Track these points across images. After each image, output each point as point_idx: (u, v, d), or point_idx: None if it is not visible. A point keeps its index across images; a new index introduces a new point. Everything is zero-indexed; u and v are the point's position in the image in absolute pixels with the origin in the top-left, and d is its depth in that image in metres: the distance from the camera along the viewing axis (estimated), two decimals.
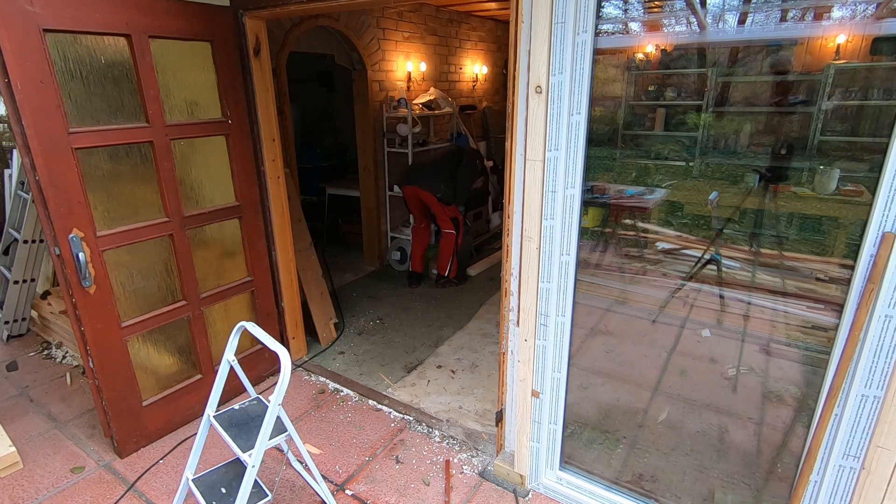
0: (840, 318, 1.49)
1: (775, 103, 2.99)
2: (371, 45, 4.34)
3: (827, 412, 1.52)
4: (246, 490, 1.65)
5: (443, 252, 4.34)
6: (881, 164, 1.34)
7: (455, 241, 4.25)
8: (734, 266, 3.12)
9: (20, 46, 1.83)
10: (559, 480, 2.17)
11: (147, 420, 2.47)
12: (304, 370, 3.14)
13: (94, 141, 2.09)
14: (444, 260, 4.33)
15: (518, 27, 1.68)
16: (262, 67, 2.68)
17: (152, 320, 2.42)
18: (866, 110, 2.68)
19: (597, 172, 2.60)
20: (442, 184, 4.03)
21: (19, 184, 3.37)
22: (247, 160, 2.71)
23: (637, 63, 3.49)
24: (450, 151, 4.39)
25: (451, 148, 4.56)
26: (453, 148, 4.53)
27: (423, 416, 2.70)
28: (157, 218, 2.37)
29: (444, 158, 4.28)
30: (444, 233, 4.24)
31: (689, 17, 2.10)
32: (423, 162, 4.38)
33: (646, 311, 3.18)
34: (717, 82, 3.20)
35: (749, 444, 2.34)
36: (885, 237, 1.34)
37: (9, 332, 3.51)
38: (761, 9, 2.18)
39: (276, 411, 1.66)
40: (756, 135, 3.14)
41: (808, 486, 1.63)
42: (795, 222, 3.01)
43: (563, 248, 1.82)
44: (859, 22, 1.96)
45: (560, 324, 1.92)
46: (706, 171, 3.32)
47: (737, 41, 2.65)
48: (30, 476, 2.30)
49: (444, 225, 4.21)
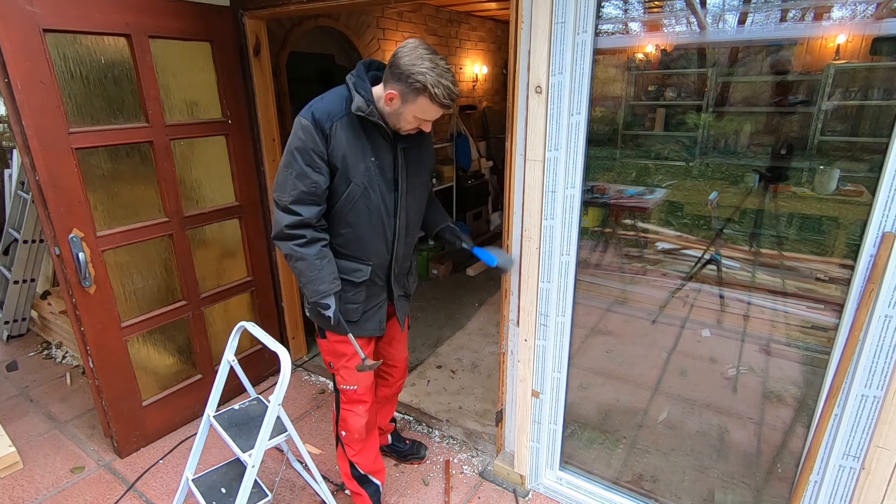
0: (840, 318, 1.49)
1: (775, 103, 2.99)
2: (371, 45, 4.34)
3: (827, 412, 1.52)
4: (246, 490, 1.65)
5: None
6: (881, 164, 1.33)
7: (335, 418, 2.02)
8: (734, 266, 3.12)
9: (20, 46, 1.83)
10: (559, 480, 2.17)
11: (147, 420, 2.47)
12: (305, 370, 3.14)
13: (94, 141, 2.09)
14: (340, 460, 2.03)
15: (518, 27, 1.68)
16: (262, 67, 2.67)
17: (152, 320, 2.42)
18: (866, 110, 2.68)
19: (597, 172, 2.60)
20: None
21: (19, 184, 3.37)
22: (247, 160, 2.71)
23: (637, 63, 3.49)
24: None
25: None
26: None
27: (423, 416, 2.70)
28: (157, 218, 2.37)
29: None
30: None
31: (689, 17, 2.09)
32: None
33: (646, 311, 3.18)
34: (717, 82, 3.20)
35: (749, 444, 2.34)
36: (885, 237, 1.34)
37: (9, 332, 3.51)
38: (761, 9, 2.18)
39: (276, 411, 1.65)
40: (756, 135, 3.14)
41: (808, 487, 1.63)
42: (795, 222, 3.01)
43: (563, 248, 1.82)
44: (859, 22, 1.96)
45: (560, 324, 1.92)
46: (706, 171, 3.32)
47: (737, 41, 2.65)
48: (30, 476, 2.30)
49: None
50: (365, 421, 1.86)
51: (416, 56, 1.45)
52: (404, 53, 1.46)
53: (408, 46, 1.48)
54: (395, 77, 1.48)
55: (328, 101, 1.57)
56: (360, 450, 1.92)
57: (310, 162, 1.51)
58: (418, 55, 1.45)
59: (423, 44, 1.50)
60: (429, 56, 1.46)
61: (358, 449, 1.91)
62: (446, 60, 1.52)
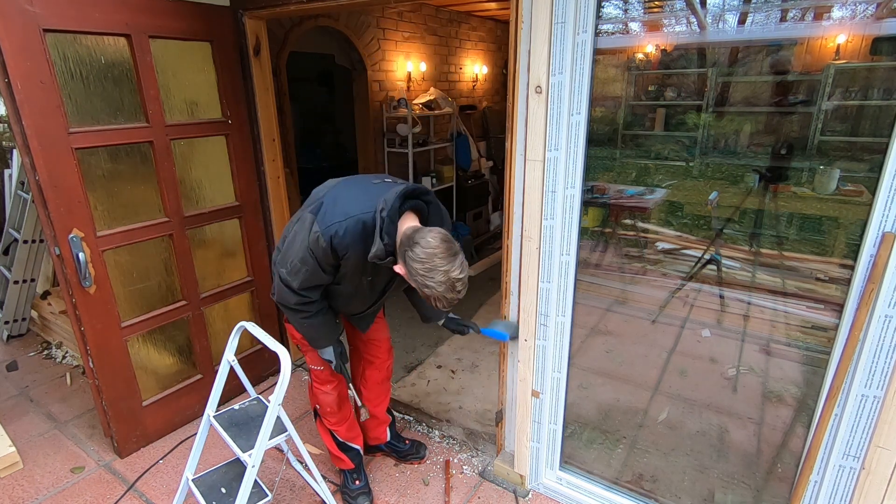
0: (840, 318, 1.49)
1: (775, 103, 2.99)
2: (371, 45, 4.34)
3: (827, 412, 1.52)
4: (246, 490, 1.65)
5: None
6: (881, 164, 1.33)
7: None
8: (734, 266, 3.12)
9: (20, 46, 1.83)
10: (559, 480, 2.17)
11: (147, 420, 2.47)
12: (305, 370, 3.14)
13: (94, 141, 2.09)
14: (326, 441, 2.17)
15: (518, 27, 1.68)
16: (262, 67, 2.67)
17: (152, 320, 2.42)
18: (866, 110, 2.68)
19: (597, 172, 2.60)
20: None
21: (19, 184, 3.37)
22: (247, 160, 2.71)
23: (637, 63, 3.49)
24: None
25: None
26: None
27: (423, 416, 2.70)
28: (157, 218, 2.37)
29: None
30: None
31: (689, 17, 2.09)
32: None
33: (646, 311, 3.18)
34: (717, 82, 3.20)
35: (749, 444, 2.34)
36: (885, 237, 1.34)
37: (9, 332, 3.51)
38: (761, 9, 2.18)
39: (276, 411, 1.66)
40: (756, 135, 3.14)
41: (808, 487, 1.63)
42: (795, 222, 3.01)
43: (563, 248, 1.82)
44: (859, 22, 1.96)
45: (560, 324, 1.92)
46: (706, 171, 3.32)
47: (737, 41, 2.65)
48: (30, 476, 2.30)
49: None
50: (334, 397, 2.04)
51: (431, 266, 1.43)
52: (420, 258, 1.44)
53: (427, 249, 1.43)
54: (408, 270, 1.48)
55: (350, 232, 1.55)
56: (337, 421, 2.08)
57: (323, 268, 1.64)
58: (433, 265, 1.43)
59: (441, 248, 1.44)
60: (444, 268, 1.44)
61: (335, 420, 2.08)
62: (462, 261, 1.48)
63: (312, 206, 1.66)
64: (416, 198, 1.56)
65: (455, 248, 1.47)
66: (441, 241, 1.44)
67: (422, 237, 1.45)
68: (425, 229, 1.48)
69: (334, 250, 1.57)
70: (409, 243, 1.46)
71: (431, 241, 1.44)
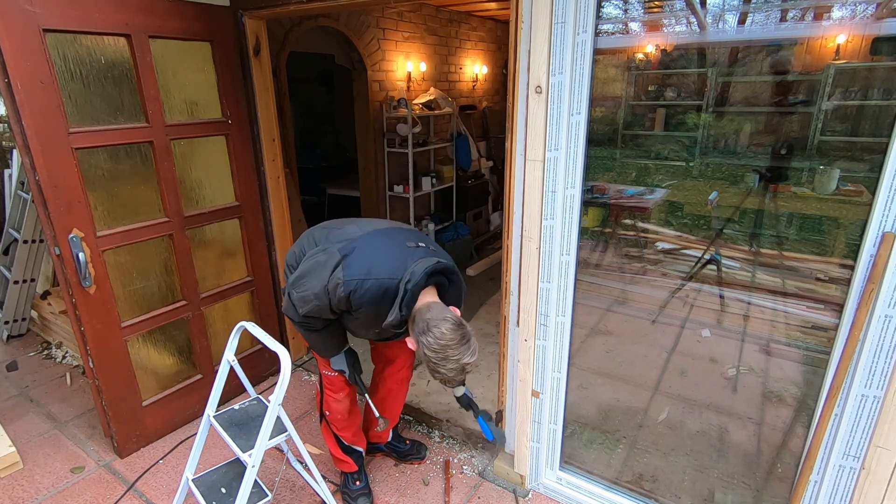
0: (840, 318, 1.49)
1: (775, 103, 2.99)
2: (371, 45, 4.34)
3: (827, 412, 1.52)
4: (246, 490, 1.65)
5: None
6: (881, 164, 1.33)
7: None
8: (734, 266, 3.12)
9: (20, 46, 1.83)
10: (559, 480, 2.17)
11: (147, 420, 2.47)
12: (305, 370, 3.14)
13: (94, 141, 2.09)
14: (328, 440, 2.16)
15: (518, 27, 1.68)
16: (262, 67, 2.67)
17: (152, 320, 2.42)
18: (866, 110, 2.68)
19: (597, 172, 2.60)
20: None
21: (19, 184, 3.37)
22: (247, 160, 2.71)
23: (637, 63, 3.49)
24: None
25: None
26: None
27: (423, 416, 2.70)
28: (157, 218, 2.37)
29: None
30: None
31: (689, 17, 2.09)
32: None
33: (646, 311, 3.18)
34: (717, 82, 3.20)
35: (749, 444, 2.34)
36: (885, 237, 1.34)
37: (9, 332, 3.51)
38: (761, 9, 2.18)
39: (276, 411, 1.65)
40: (756, 135, 3.14)
41: (808, 486, 1.63)
42: (795, 222, 3.01)
43: (563, 248, 1.82)
44: (859, 22, 1.96)
45: (560, 324, 1.92)
46: (706, 171, 3.32)
47: (737, 41, 2.65)
48: (30, 476, 2.30)
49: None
50: (346, 405, 2.02)
51: (443, 356, 1.46)
52: (434, 348, 1.45)
53: (440, 341, 1.44)
54: (421, 351, 1.50)
55: (370, 293, 1.56)
56: (345, 427, 2.07)
57: (333, 309, 1.65)
58: (445, 355, 1.45)
59: (454, 339, 1.45)
60: (455, 357, 1.46)
61: (342, 426, 2.07)
62: (473, 345, 1.49)
63: (343, 245, 1.65)
64: (442, 274, 1.59)
65: (467, 335, 1.48)
66: (454, 331, 1.45)
67: (436, 325, 1.45)
68: (439, 315, 1.48)
69: (349, 302, 1.59)
70: (424, 328, 1.47)
71: (446, 332, 1.45)
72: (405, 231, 1.79)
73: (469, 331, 1.50)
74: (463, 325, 1.49)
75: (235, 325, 1.85)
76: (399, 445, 2.38)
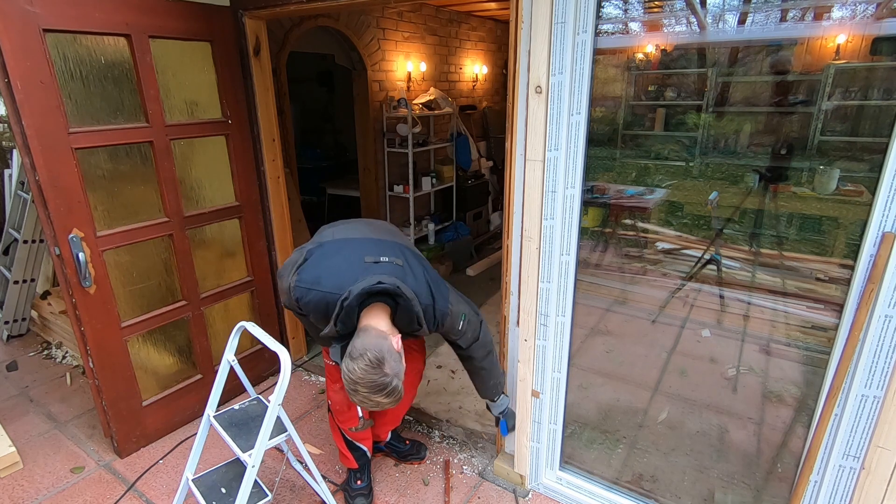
0: (840, 318, 1.49)
1: (775, 103, 2.99)
2: (371, 45, 4.34)
3: (827, 412, 1.52)
4: (246, 490, 1.65)
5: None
6: (881, 164, 1.34)
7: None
8: (734, 266, 3.12)
9: (20, 46, 1.83)
10: (559, 480, 2.17)
11: (147, 420, 2.47)
12: (304, 370, 3.14)
13: (94, 141, 2.09)
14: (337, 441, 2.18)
15: (518, 27, 1.68)
16: (262, 67, 2.67)
17: (152, 320, 2.42)
18: (866, 110, 2.68)
19: (597, 172, 2.60)
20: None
21: (19, 184, 3.37)
22: (247, 160, 2.71)
23: (637, 63, 3.49)
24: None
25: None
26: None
27: (423, 416, 2.70)
28: (157, 218, 2.37)
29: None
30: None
31: (689, 17, 2.10)
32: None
33: (646, 311, 3.18)
34: (717, 82, 3.20)
35: (749, 444, 2.34)
36: (885, 237, 1.34)
37: (9, 332, 3.51)
38: (761, 9, 2.18)
39: (276, 411, 1.65)
40: (756, 135, 3.14)
41: (808, 487, 1.63)
42: (795, 222, 3.01)
43: (563, 248, 1.82)
44: (859, 22, 1.96)
45: (560, 324, 1.92)
46: (706, 171, 3.32)
47: (737, 41, 2.65)
48: (30, 476, 2.30)
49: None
50: (342, 396, 2.00)
51: (353, 390, 1.41)
52: (346, 377, 1.41)
53: (351, 375, 1.40)
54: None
55: (313, 303, 1.60)
56: (346, 419, 2.06)
57: (290, 307, 1.72)
58: (355, 390, 1.41)
59: (365, 379, 1.38)
60: (364, 394, 1.41)
61: (344, 418, 2.06)
62: (392, 389, 1.41)
63: (311, 248, 1.70)
64: (385, 295, 1.50)
65: (384, 382, 1.38)
66: (367, 372, 1.37)
67: (354, 358, 1.39)
68: (364, 346, 1.40)
69: (299, 307, 1.66)
70: (349, 352, 1.41)
71: (356, 370, 1.38)
72: (375, 242, 1.71)
73: (388, 375, 1.38)
74: (381, 365, 1.37)
75: (235, 325, 1.85)
76: (399, 445, 2.38)
